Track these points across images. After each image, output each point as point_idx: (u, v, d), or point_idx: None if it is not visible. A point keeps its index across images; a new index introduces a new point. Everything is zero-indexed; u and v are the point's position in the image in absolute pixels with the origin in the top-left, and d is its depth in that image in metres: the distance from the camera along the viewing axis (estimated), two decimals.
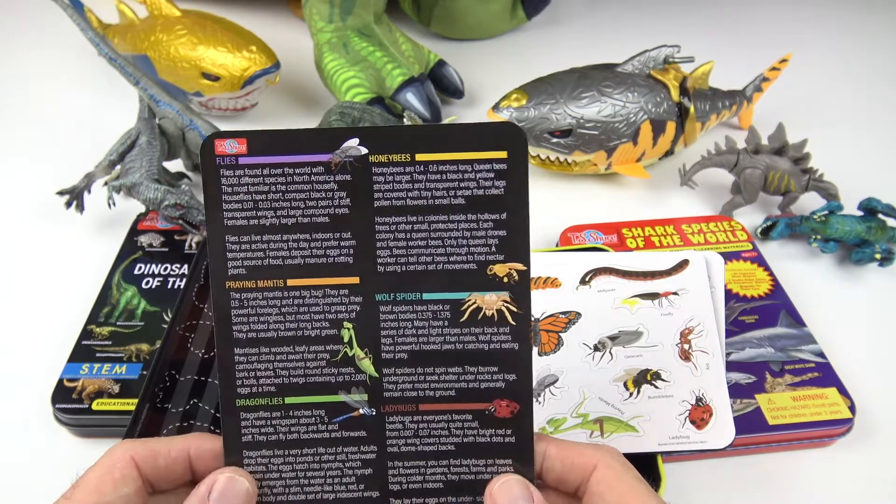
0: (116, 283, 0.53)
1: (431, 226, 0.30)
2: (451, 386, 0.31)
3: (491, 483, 0.30)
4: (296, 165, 0.30)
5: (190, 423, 0.42)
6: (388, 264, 0.30)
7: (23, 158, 0.68)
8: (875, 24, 0.94)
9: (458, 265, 0.30)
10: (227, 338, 0.30)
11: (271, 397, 0.31)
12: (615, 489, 0.29)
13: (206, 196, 0.30)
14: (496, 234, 0.30)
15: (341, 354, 0.31)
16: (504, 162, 0.30)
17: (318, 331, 0.30)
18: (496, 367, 0.31)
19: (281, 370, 0.31)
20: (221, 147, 0.30)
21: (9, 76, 0.80)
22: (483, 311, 0.30)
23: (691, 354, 0.45)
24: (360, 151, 0.30)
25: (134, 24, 0.71)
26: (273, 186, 0.30)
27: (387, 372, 0.31)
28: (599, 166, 0.63)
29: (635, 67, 0.63)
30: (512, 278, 0.30)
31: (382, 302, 0.30)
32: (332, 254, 0.30)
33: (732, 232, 0.58)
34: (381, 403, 0.31)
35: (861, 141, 0.73)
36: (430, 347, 0.31)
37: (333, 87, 0.70)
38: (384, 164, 0.30)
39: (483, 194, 0.30)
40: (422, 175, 0.30)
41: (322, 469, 0.31)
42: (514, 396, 0.31)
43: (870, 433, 0.46)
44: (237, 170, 0.30)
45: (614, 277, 0.48)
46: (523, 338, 0.31)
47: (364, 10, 0.70)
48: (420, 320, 0.30)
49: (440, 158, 0.30)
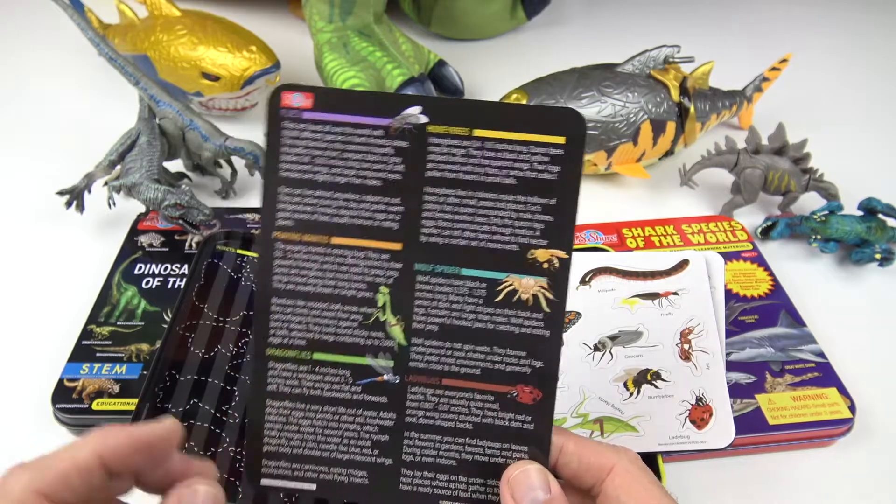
0: (116, 282, 0.53)
1: (479, 202, 0.30)
2: (477, 364, 0.31)
3: (509, 469, 0.30)
4: (357, 126, 0.30)
5: (190, 422, 0.42)
6: (432, 235, 0.30)
7: (23, 158, 0.68)
8: (875, 24, 0.94)
9: (500, 245, 0.30)
10: (267, 286, 0.31)
11: (301, 350, 0.31)
12: (632, 494, 0.28)
13: (266, 145, 0.30)
14: (543, 218, 0.30)
15: (373, 318, 0.31)
16: (561, 147, 0.30)
17: (354, 291, 0.31)
18: (524, 352, 0.31)
19: (313, 325, 0.31)
20: (288, 99, 0.30)
21: (9, 76, 0.80)
22: (519, 294, 0.30)
23: (691, 354, 0.45)
24: (420, 120, 0.30)
25: (134, 25, 0.71)
26: (332, 144, 0.30)
27: (415, 342, 0.31)
28: (599, 166, 0.63)
29: (635, 67, 0.63)
30: (552, 265, 0.30)
31: (421, 272, 0.31)
32: (378, 217, 0.30)
33: (732, 232, 0.58)
34: (405, 372, 0.31)
35: (861, 141, 0.73)
36: (461, 323, 0.31)
37: (333, 87, 0.70)
38: (442, 136, 0.30)
39: (535, 177, 0.30)
40: (477, 150, 0.30)
41: (340, 429, 0.31)
42: (539, 384, 0.31)
43: (870, 433, 0.46)
44: (300, 123, 0.30)
45: (614, 277, 0.48)
46: (556, 326, 0.30)
47: (364, 11, 0.70)
48: (455, 295, 0.31)
49: (498, 136, 0.30)
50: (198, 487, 0.28)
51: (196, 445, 0.41)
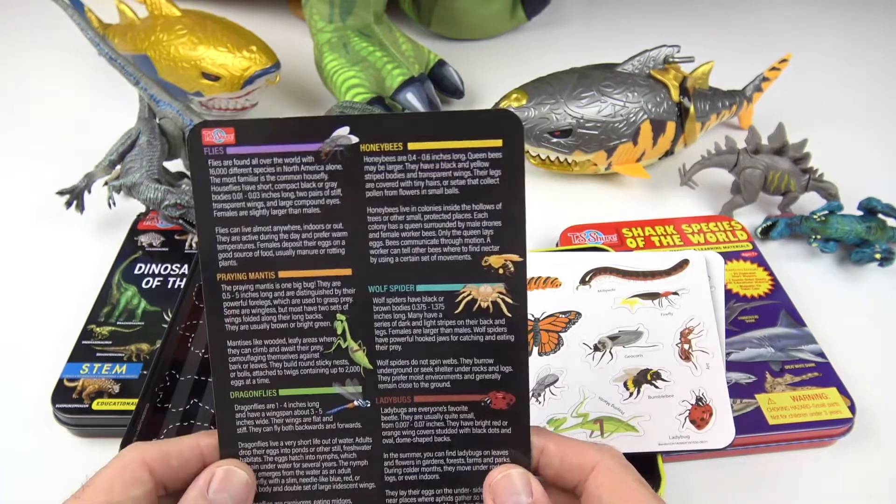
0: (116, 282, 0.53)
1: (425, 216, 0.29)
2: (447, 378, 0.30)
3: (490, 474, 0.30)
4: (285, 155, 0.29)
5: (190, 422, 0.42)
6: (381, 256, 0.30)
7: (23, 158, 0.68)
8: (875, 25, 0.94)
9: (452, 256, 0.30)
10: (220, 330, 0.30)
11: (265, 389, 0.30)
12: (615, 492, 0.28)
13: (194, 187, 0.29)
14: (491, 224, 0.29)
15: (335, 346, 0.30)
16: (499, 150, 0.29)
17: (310, 323, 0.30)
18: (491, 359, 0.30)
19: (274, 362, 0.30)
20: (209, 137, 0.29)
21: (9, 76, 0.80)
22: (478, 302, 0.30)
23: (691, 354, 0.45)
24: (351, 140, 0.29)
25: (134, 24, 0.71)
26: (262, 177, 0.29)
27: (381, 364, 0.30)
28: (599, 166, 0.63)
29: (635, 67, 0.63)
30: (508, 270, 0.30)
31: (375, 294, 0.30)
32: (323, 245, 0.30)
33: (732, 232, 0.58)
34: (375, 395, 0.30)
35: (861, 141, 0.73)
36: (424, 339, 0.30)
37: (333, 87, 0.70)
38: (376, 154, 0.29)
39: (478, 184, 0.29)
40: (414, 164, 0.29)
41: (317, 460, 0.31)
42: (510, 388, 0.30)
43: (870, 433, 0.46)
44: (225, 160, 0.29)
45: (614, 277, 0.48)
46: (519, 329, 0.30)
47: (364, 10, 0.70)
48: (414, 312, 0.30)
49: (433, 147, 0.29)
50: (235, 470, 0.29)
51: None
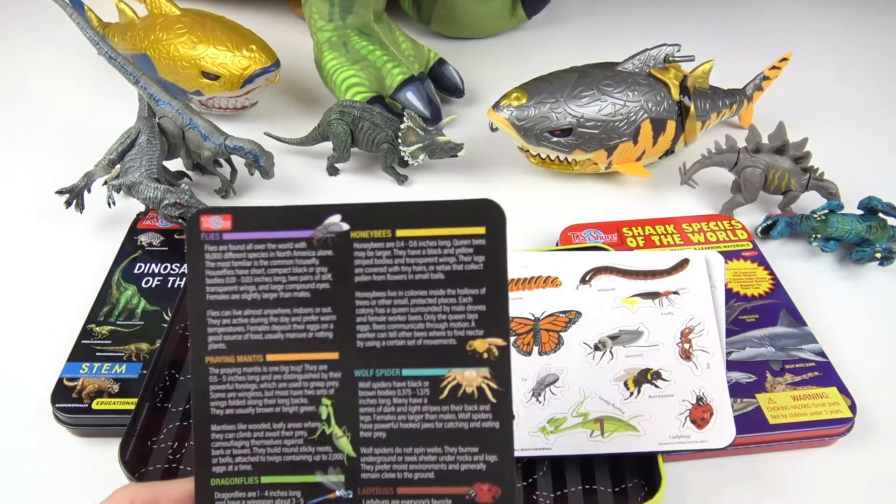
0: (116, 282, 0.53)
1: (411, 301, 0.30)
2: (431, 468, 0.30)
3: None
4: (279, 241, 0.30)
5: (190, 422, 0.42)
6: (368, 340, 0.30)
7: (23, 158, 0.68)
8: (875, 24, 0.94)
9: (437, 341, 0.30)
10: (205, 414, 0.30)
11: (247, 476, 0.30)
12: None
13: (189, 271, 0.30)
14: (476, 309, 0.30)
15: (319, 432, 0.30)
16: (483, 237, 0.30)
17: (296, 407, 0.30)
18: (476, 448, 0.30)
19: (258, 448, 0.30)
20: (207, 223, 0.30)
21: (9, 76, 0.80)
22: (463, 388, 0.30)
23: (692, 354, 0.45)
24: (342, 228, 0.30)
25: (134, 23, 0.71)
26: (256, 262, 0.30)
27: (364, 451, 0.30)
28: (600, 165, 0.63)
29: (635, 66, 0.63)
30: (492, 354, 0.30)
31: (361, 378, 0.30)
32: (312, 329, 0.30)
33: (733, 231, 0.58)
34: (358, 485, 0.30)
35: (861, 140, 0.73)
36: (409, 426, 0.30)
37: (333, 86, 0.70)
38: (365, 240, 0.30)
39: (462, 269, 0.30)
40: (402, 251, 0.30)
41: None
42: (496, 480, 0.30)
43: (870, 433, 0.46)
44: (221, 245, 0.30)
45: (615, 277, 0.48)
46: (504, 416, 0.30)
47: (364, 9, 0.70)
48: (399, 397, 0.30)
49: (420, 234, 0.30)
50: None
51: None
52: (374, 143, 0.63)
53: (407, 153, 0.62)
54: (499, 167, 0.68)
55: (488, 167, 0.68)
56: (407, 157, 0.62)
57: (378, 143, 0.63)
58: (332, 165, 0.66)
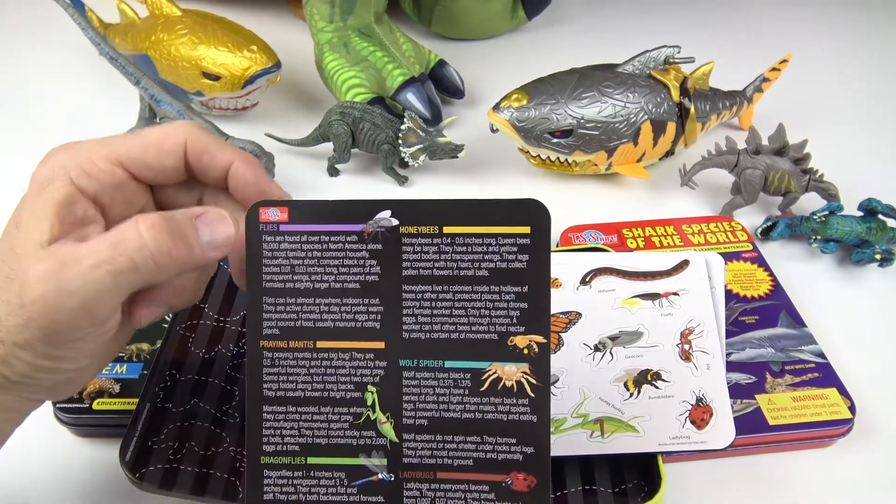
0: None
1: (456, 296, 0.31)
2: (470, 455, 0.31)
3: None
4: (331, 234, 0.31)
5: (191, 422, 0.42)
6: (413, 331, 0.31)
7: (23, 158, 0.68)
8: (876, 25, 0.94)
9: (479, 335, 0.31)
10: (258, 394, 0.31)
11: (295, 456, 0.31)
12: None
13: (248, 259, 0.31)
14: (518, 306, 0.31)
15: (364, 417, 0.31)
16: (527, 237, 0.31)
17: (343, 392, 0.31)
18: (514, 439, 0.31)
19: (306, 430, 0.31)
20: (265, 214, 0.31)
21: (9, 76, 0.80)
22: (503, 381, 0.31)
23: (691, 355, 0.45)
24: (392, 223, 0.31)
25: (135, 24, 0.71)
26: (309, 253, 0.31)
27: (406, 437, 0.31)
28: (600, 166, 0.63)
29: (636, 68, 0.63)
30: (532, 350, 0.31)
31: (406, 367, 0.31)
32: (360, 318, 0.31)
33: (733, 232, 0.59)
34: (399, 469, 0.31)
35: (861, 141, 0.73)
36: (449, 415, 0.31)
37: (334, 87, 0.70)
38: (413, 236, 0.31)
39: (506, 267, 0.31)
40: (448, 247, 0.31)
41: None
42: (532, 470, 0.31)
43: (870, 433, 0.46)
44: (278, 236, 0.31)
45: (615, 277, 0.48)
46: (543, 410, 0.31)
47: (364, 10, 0.70)
48: (441, 387, 0.31)
49: (467, 231, 0.31)
50: (224, 215, 0.31)
51: (197, 445, 0.41)
52: (375, 143, 0.63)
53: (407, 154, 0.62)
54: (499, 168, 0.68)
55: (488, 168, 0.68)
56: (407, 157, 0.63)
57: (379, 143, 0.63)
58: (333, 166, 0.66)
